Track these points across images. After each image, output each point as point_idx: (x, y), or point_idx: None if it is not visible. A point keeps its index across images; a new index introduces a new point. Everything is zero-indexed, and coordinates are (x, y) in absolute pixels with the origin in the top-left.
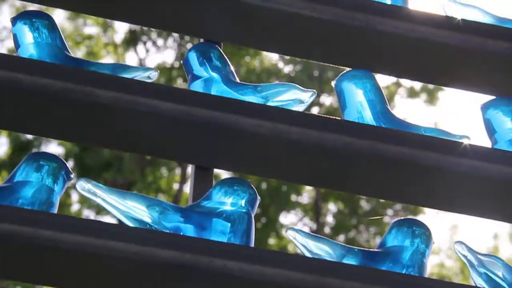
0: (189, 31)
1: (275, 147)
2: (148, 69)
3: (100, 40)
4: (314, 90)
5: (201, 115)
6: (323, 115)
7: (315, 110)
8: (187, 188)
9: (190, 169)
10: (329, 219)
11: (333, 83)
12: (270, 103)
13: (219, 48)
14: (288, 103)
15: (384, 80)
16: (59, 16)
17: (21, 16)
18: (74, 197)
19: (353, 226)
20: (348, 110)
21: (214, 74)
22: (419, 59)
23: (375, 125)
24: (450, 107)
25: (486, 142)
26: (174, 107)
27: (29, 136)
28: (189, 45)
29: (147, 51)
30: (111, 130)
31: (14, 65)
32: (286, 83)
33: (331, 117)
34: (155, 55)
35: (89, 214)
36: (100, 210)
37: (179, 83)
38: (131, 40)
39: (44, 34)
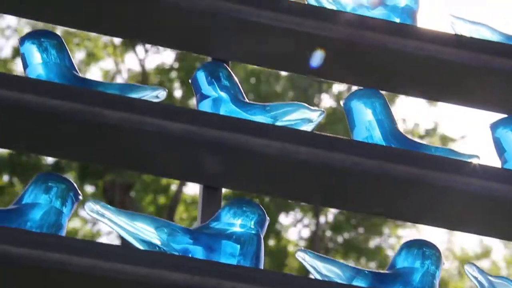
0: (197, 50)
1: (284, 167)
2: (157, 88)
3: (99, 41)
4: (323, 109)
5: (209, 135)
6: (331, 135)
7: None
8: (186, 190)
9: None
10: (329, 219)
11: (342, 102)
12: (278, 123)
13: (228, 67)
14: (297, 123)
15: None
16: None
17: (30, 36)
18: None
19: (352, 226)
20: (357, 129)
21: (223, 94)
22: (427, 77)
23: (384, 144)
24: (450, 106)
25: (495, 162)
26: (182, 127)
27: None
28: None
29: (146, 51)
30: (119, 150)
31: (22, 86)
32: (295, 102)
33: (339, 137)
34: (154, 56)
35: (85, 215)
36: None
37: (177, 85)
38: (131, 41)
39: (53, 55)
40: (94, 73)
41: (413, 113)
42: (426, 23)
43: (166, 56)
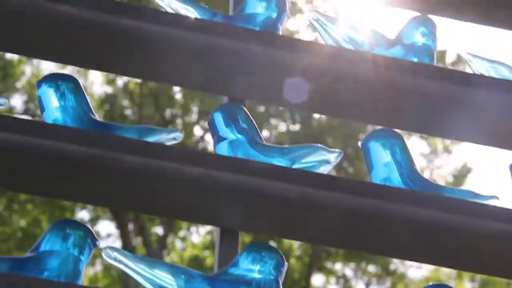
0: (213, 89)
1: (303, 211)
2: (173, 130)
3: None
4: (341, 151)
5: (227, 178)
6: (350, 179)
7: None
8: None
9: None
10: None
11: (359, 143)
12: (296, 165)
13: (245, 109)
14: (315, 165)
15: None
16: None
17: (46, 79)
18: None
19: None
20: (375, 171)
21: (240, 136)
22: (446, 116)
23: (402, 187)
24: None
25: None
26: (200, 171)
27: None
28: None
29: None
30: (138, 194)
31: (40, 131)
32: (313, 144)
33: (358, 180)
34: None
35: (83, 215)
36: (97, 216)
37: (177, 88)
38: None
39: (70, 98)
40: (95, 76)
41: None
42: (443, 62)
43: None
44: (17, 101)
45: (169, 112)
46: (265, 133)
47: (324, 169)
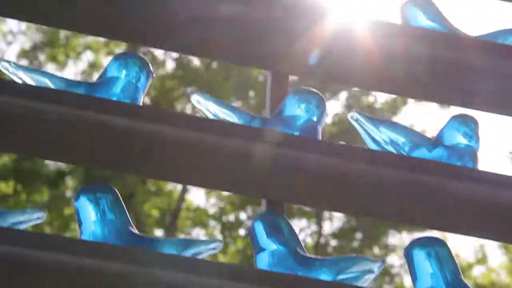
0: (251, 192)
1: None
2: (212, 241)
3: (102, 50)
4: (383, 259)
5: None
6: None
7: None
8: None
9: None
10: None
11: (403, 251)
12: (340, 276)
13: (287, 219)
14: (358, 275)
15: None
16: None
17: (85, 191)
18: None
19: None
20: (419, 281)
21: (282, 248)
22: (489, 220)
23: None
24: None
25: None
26: (239, 286)
27: None
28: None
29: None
30: None
31: (79, 249)
32: (355, 255)
33: None
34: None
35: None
36: None
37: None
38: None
39: (108, 211)
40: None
41: (421, 120)
42: (487, 164)
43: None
44: None
45: None
46: None
47: (367, 278)
